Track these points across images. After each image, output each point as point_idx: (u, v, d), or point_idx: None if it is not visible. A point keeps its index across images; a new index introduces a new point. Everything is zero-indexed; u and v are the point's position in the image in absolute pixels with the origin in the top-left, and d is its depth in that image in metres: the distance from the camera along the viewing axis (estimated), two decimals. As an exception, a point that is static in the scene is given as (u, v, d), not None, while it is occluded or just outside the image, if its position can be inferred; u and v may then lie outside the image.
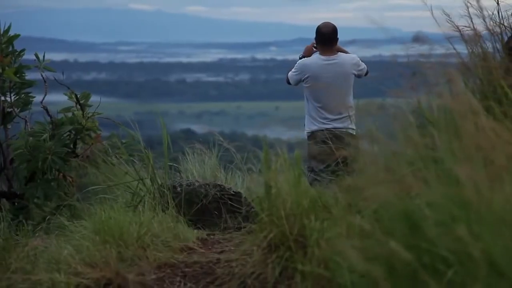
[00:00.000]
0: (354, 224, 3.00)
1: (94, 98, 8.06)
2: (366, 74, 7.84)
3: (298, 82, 7.81)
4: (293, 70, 7.86)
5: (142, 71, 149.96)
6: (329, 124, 7.54)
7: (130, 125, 6.48)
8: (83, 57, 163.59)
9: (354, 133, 7.33)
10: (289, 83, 7.94)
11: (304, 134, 7.87)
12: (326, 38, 7.76)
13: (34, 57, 7.76)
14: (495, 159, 2.41)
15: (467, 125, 2.53)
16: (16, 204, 7.46)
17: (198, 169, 7.38)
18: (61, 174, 7.43)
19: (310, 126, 7.68)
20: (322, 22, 7.93)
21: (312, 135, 7.63)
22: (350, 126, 7.47)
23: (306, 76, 7.70)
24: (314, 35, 7.95)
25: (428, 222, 2.52)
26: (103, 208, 4.72)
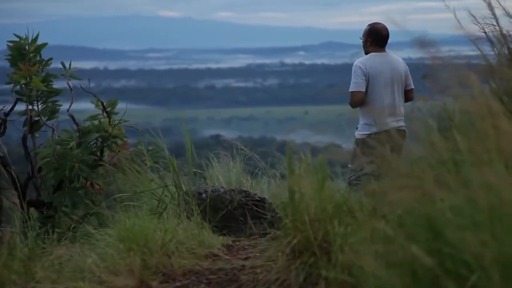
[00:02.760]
0: (378, 229, 2.95)
1: (123, 105, 8.09)
2: (410, 98, 7.64)
3: (365, 85, 7.43)
4: (353, 79, 7.45)
5: (171, 77, 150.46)
6: (388, 125, 7.28)
7: (158, 132, 6.48)
8: (112, 65, 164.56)
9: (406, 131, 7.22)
10: (355, 103, 7.47)
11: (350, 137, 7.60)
12: (385, 39, 7.67)
13: (58, 66, 7.81)
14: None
15: (486, 128, 2.48)
16: (44, 212, 7.50)
17: (224, 175, 7.38)
18: (89, 182, 7.44)
19: (367, 127, 7.36)
20: (375, 22, 7.77)
21: (369, 136, 7.22)
22: (403, 125, 7.34)
23: (368, 73, 7.44)
24: (342, 39, 7.88)
25: (450, 227, 2.47)
26: (128, 216, 4.71)
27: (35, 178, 7.68)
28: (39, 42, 7.78)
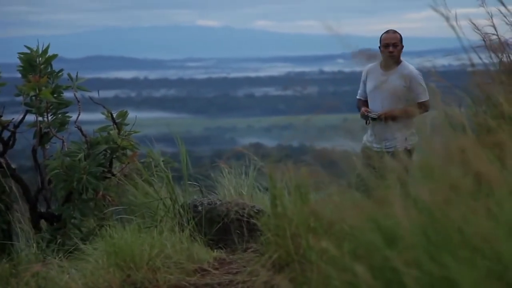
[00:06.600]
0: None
1: (162, 115, 8.02)
2: None
3: None
4: (424, 86, 7.17)
5: (211, 86, 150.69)
6: None
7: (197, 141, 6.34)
8: (152, 74, 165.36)
9: None
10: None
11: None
12: None
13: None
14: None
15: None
16: (54, 224, 7.47)
17: (236, 186, 7.26)
18: (101, 193, 7.39)
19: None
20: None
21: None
22: None
23: None
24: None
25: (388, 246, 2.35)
26: (115, 230, 4.63)
27: (45, 190, 7.66)
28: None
